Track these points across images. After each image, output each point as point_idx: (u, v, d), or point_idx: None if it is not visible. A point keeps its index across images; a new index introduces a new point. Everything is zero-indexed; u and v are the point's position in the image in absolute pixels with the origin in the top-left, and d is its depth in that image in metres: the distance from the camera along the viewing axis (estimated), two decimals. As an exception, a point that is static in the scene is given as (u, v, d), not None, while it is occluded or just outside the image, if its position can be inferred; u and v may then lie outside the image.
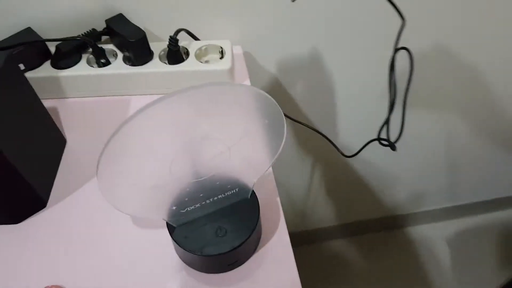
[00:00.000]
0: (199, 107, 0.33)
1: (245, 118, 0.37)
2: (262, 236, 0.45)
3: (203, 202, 0.41)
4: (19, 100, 0.46)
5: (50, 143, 0.52)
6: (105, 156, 0.31)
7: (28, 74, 0.56)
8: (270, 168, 0.51)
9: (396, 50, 0.43)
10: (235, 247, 0.40)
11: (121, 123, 0.30)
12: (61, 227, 0.47)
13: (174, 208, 0.40)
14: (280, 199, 0.48)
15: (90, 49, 0.58)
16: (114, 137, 0.30)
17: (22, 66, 0.56)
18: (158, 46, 0.59)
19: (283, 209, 0.48)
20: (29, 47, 0.56)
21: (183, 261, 0.44)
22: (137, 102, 0.59)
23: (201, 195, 0.40)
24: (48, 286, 0.42)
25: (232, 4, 0.62)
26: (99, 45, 0.58)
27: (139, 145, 0.33)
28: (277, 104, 0.34)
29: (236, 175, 0.41)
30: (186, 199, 0.40)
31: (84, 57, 0.59)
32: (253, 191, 0.44)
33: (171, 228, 0.41)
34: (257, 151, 0.40)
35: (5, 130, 0.42)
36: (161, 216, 0.40)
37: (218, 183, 0.40)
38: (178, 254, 0.44)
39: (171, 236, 0.41)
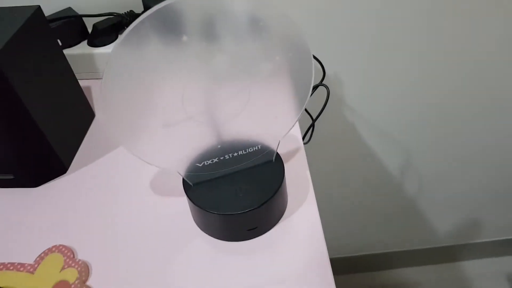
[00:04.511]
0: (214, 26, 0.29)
1: (263, 50, 0.31)
2: (288, 207, 0.41)
3: (222, 158, 0.38)
4: (54, 71, 0.47)
5: (78, 114, 0.52)
6: (110, 72, 0.29)
7: (66, 51, 0.57)
8: (301, 143, 0.48)
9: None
10: (254, 207, 0.36)
11: (129, 28, 0.28)
12: (79, 193, 0.45)
13: (190, 160, 0.37)
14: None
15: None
16: (119, 47, 0.28)
17: (59, 42, 0.57)
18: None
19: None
20: (68, 25, 0.57)
21: (198, 226, 0.40)
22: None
23: (219, 146, 0.37)
24: (55, 245, 0.40)
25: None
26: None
27: (146, 66, 0.30)
28: (301, 30, 0.30)
29: (257, 128, 0.37)
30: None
31: (120, 36, 0.58)
32: (278, 154, 0.40)
33: (187, 187, 0.38)
34: (281, 97, 0.36)
35: (37, 95, 0.43)
36: (176, 168, 0.37)
37: (237, 133, 0.37)
38: (194, 218, 0.40)
39: (186, 194, 0.38)
